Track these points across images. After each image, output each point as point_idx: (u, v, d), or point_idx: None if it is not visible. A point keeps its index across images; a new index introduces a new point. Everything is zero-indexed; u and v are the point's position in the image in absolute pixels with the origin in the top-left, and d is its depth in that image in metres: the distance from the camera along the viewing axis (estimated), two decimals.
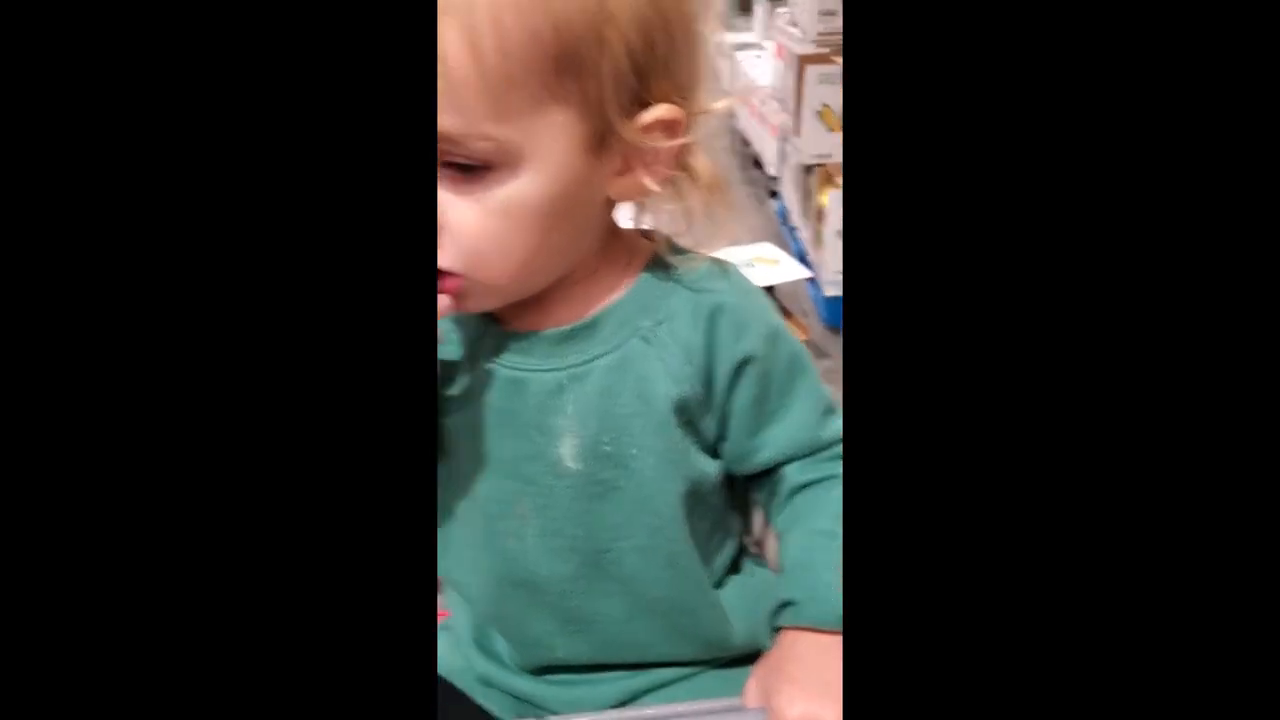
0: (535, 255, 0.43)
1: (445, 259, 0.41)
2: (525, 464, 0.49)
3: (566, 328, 0.48)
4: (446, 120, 0.36)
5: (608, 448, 0.48)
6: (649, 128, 0.42)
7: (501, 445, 0.49)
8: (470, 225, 0.40)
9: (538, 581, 0.51)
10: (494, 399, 0.49)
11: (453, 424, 0.50)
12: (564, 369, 0.48)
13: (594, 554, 0.50)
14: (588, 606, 0.52)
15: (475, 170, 0.39)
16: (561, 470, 0.48)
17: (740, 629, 0.53)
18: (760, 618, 0.52)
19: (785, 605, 0.48)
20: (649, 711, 0.47)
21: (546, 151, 0.40)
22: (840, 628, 0.44)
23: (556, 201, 0.41)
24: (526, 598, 0.52)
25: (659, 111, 0.42)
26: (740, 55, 3.02)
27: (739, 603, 0.55)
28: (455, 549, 0.54)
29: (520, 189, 0.40)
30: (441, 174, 0.39)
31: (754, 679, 0.47)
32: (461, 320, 0.50)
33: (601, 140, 0.42)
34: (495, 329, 0.49)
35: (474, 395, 0.49)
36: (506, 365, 0.48)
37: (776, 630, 0.49)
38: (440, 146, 0.38)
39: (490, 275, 0.43)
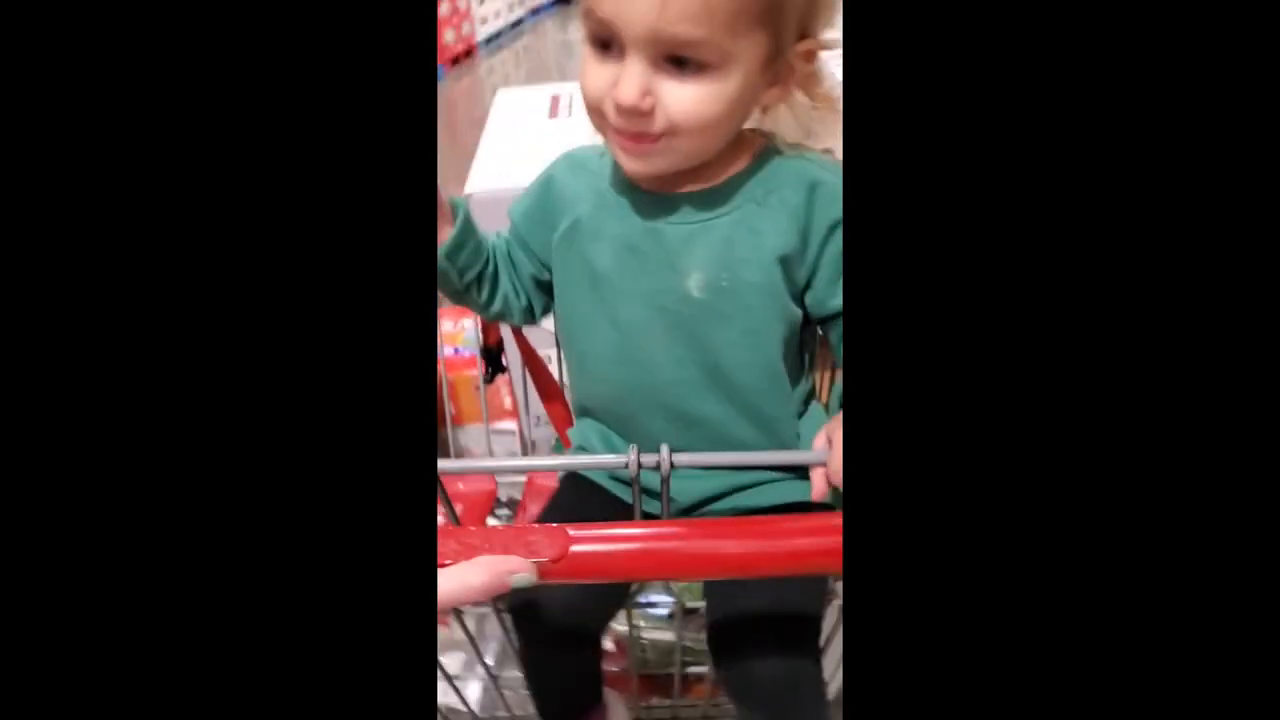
0: (716, 135, 0.60)
1: (656, 126, 0.57)
2: (660, 295, 0.65)
3: (700, 190, 0.64)
4: (695, 30, 0.53)
5: (725, 283, 0.64)
6: (800, 54, 0.59)
7: (641, 280, 0.65)
8: (684, 104, 0.56)
9: (662, 386, 0.67)
10: (638, 244, 0.65)
11: (600, 266, 0.67)
12: (696, 222, 0.64)
13: (710, 365, 0.66)
14: (700, 408, 0.68)
15: (695, 69, 0.55)
16: (689, 299, 0.64)
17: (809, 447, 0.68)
18: None
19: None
20: (742, 455, 0.64)
21: (744, 61, 0.56)
22: None
23: (740, 98, 0.57)
24: (650, 401, 0.69)
25: (808, 43, 0.59)
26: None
27: (809, 429, 0.71)
28: (592, 365, 0.71)
29: (724, 85, 0.56)
30: (660, 68, 0.55)
31: (820, 434, 0.62)
32: (604, 188, 0.66)
33: (773, 60, 0.58)
34: (636, 193, 0.65)
35: (621, 242, 0.65)
36: (650, 218, 0.65)
37: None
38: (675, 50, 0.54)
39: (686, 142, 0.58)
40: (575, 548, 0.47)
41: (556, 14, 4.72)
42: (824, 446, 0.60)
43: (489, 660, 0.93)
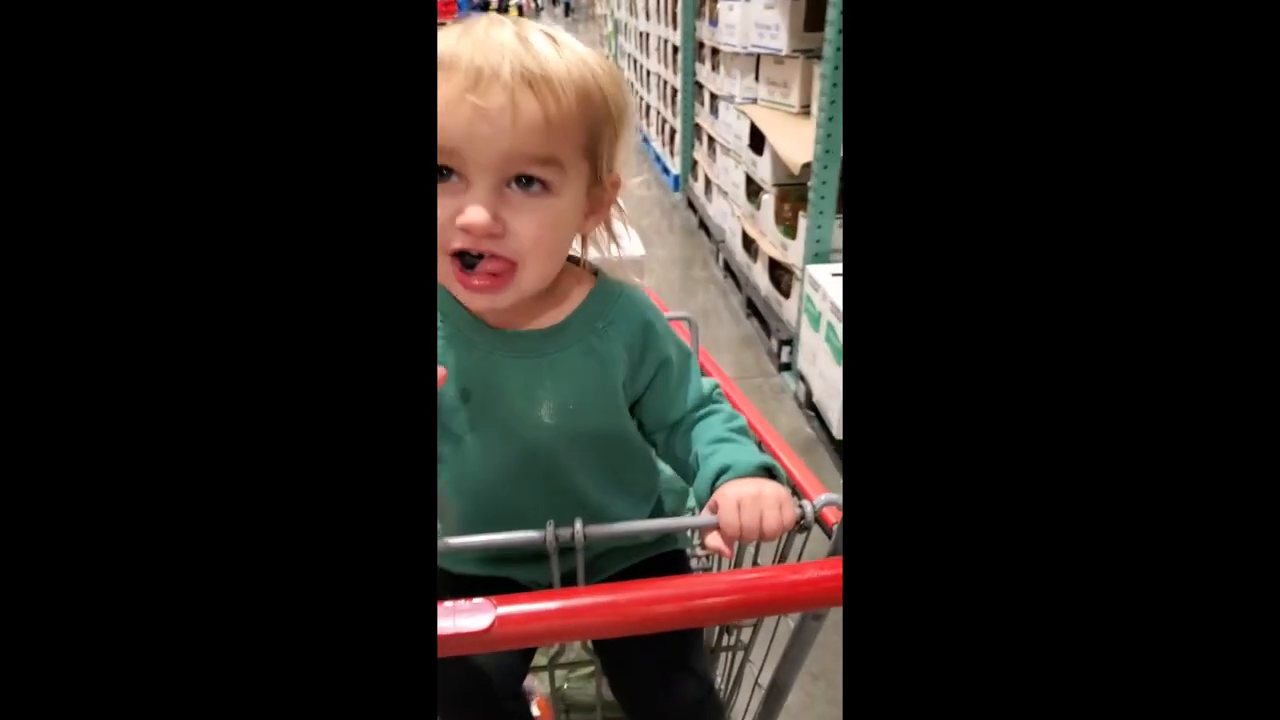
0: (553, 260, 0.66)
1: (507, 250, 0.61)
2: (514, 421, 0.71)
3: (547, 328, 0.71)
4: (544, 147, 0.58)
5: (572, 407, 0.71)
6: (610, 184, 0.67)
7: (496, 410, 0.71)
8: (530, 229, 0.61)
9: (518, 506, 0.73)
10: (490, 378, 0.70)
11: (455, 398, 0.71)
12: (545, 356, 0.71)
13: (559, 478, 0.74)
14: (550, 513, 0.67)
15: (539, 188, 0.60)
16: (540, 425, 0.71)
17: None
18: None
19: (721, 473, 0.70)
20: (647, 523, 0.73)
21: (575, 184, 0.62)
22: (760, 475, 0.68)
23: (572, 220, 0.64)
24: (506, 513, 0.71)
25: (614, 176, 0.67)
26: None
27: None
28: (455, 480, 0.75)
29: (559, 206, 0.62)
30: (504, 193, 0.60)
31: (706, 508, 0.68)
32: (454, 333, 0.71)
33: (591, 187, 0.65)
34: (484, 331, 0.70)
35: (474, 377, 0.70)
36: (500, 355, 0.70)
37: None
38: (525, 168, 0.59)
39: (529, 271, 0.63)
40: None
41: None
42: (712, 512, 0.70)
43: None
